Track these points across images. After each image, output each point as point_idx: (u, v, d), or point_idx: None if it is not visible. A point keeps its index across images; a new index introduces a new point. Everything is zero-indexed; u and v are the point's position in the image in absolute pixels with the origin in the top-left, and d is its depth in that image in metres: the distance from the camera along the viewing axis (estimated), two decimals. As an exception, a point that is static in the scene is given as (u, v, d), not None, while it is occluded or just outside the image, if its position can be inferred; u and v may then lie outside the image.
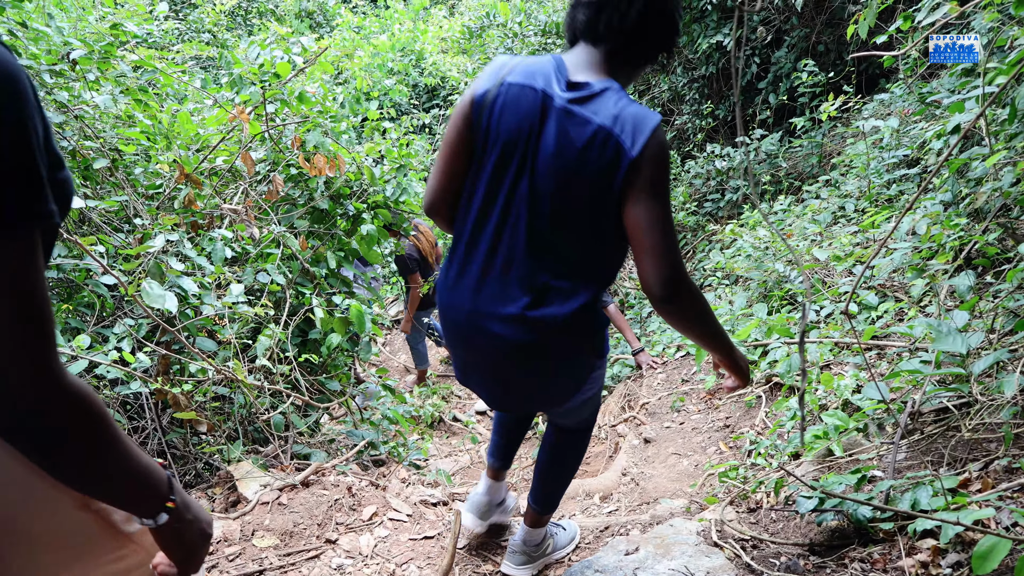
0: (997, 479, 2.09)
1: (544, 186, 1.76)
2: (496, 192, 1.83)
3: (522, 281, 1.85)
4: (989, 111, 3.21)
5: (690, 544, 2.47)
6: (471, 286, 1.92)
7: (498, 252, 1.86)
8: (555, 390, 2.07)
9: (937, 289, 3.21)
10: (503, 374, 2.02)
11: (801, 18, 7.09)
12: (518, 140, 1.77)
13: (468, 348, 2.02)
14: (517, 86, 1.78)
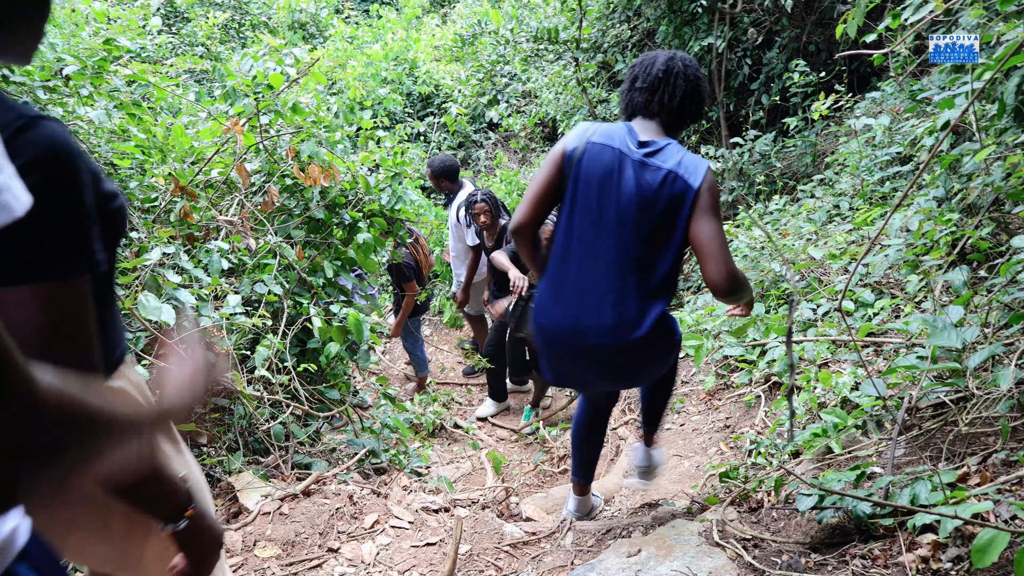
0: (995, 472, 2.10)
1: (629, 217, 2.34)
2: (586, 225, 2.41)
3: (617, 294, 2.39)
4: (979, 106, 3.23)
5: (692, 545, 2.48)
6: (572, 304, 2.44)
7: (592, 272, 2.41)
8: (648, 374, 2.67)
9: (932, 285, 3.22)
10: (604, 373, 2.57)
11: (791, 19, 7.12)
12: (603, 184, 2.37)
13: (571, 358, 2.55)
14: (599, 145, 2.41)
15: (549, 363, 2.66)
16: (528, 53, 8.27)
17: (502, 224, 5.65)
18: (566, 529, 3.16)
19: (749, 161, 6.98)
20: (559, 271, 2.47)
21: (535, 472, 4.60)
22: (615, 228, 2.36)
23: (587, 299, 2.41)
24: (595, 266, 2.40)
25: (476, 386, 6.57)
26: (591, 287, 2.41)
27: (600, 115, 7.50)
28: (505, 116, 9.41)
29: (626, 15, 8.26)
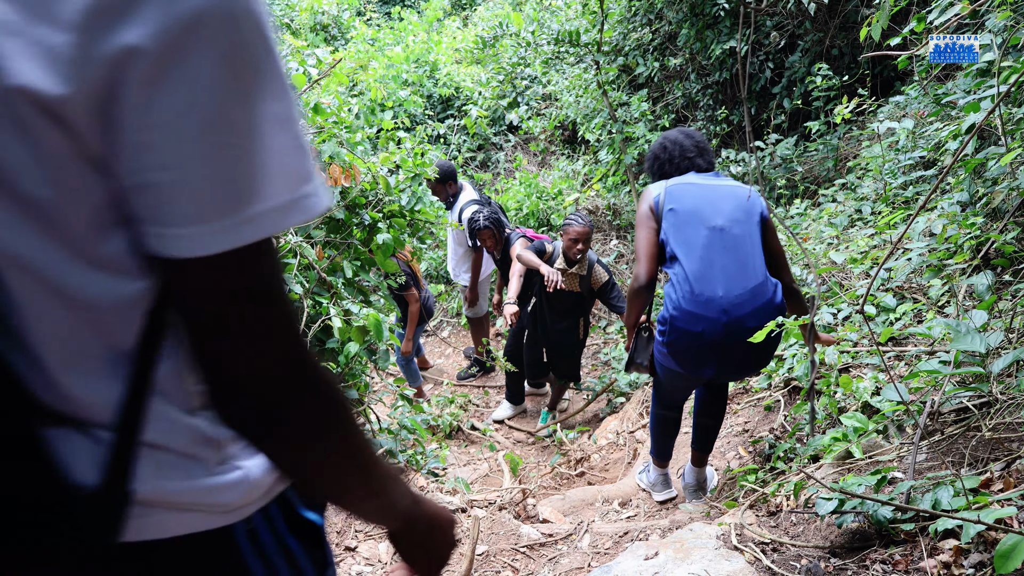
0: (1019, 478, 2.07)
1: (733, 225, 2.99)
2: (703, 234, 2.98)
3: (755, 281, 2.93)
4: (1005, 110, 3.19)
5: (710, 548, 2.46)
6: (720, 300, 2.90)
7: (724, 269, 2.93)
8: (768, 354, 3.17)
9: (955, 289, 3.19)
10: (745, 354, 2.96)
11: (814, 22, 7.08)
12: (703, 201, 3.04)
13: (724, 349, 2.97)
14: (680, 185, 3.13)
15: (695, 358, 3.07)
16: (549, 56, 8.27)
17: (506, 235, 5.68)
18: (583, 531, 3.16)
19: (770, 165, 6.94)
20: (698, 281, 2.95)
21: (552, 474, 4.60)
22: (732, 238, 3.00)
23: (734, 294, 2.93)
24: (727, 270, 2.96)
25: (493, 388, 6.57)
26: (733, 285, 2.95)
27: (620, 118, 7.49)
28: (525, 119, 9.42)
29: (647, 18, 8.26)
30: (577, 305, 5.19)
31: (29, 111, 0.55)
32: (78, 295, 0.63)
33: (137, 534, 0.70)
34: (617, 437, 4.88)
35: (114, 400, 0.67)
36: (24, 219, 0.59)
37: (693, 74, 8.18)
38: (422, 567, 1.01)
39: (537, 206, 8.12)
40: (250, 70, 0.60)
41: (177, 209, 0.60)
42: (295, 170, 0.65)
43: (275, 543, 0.84)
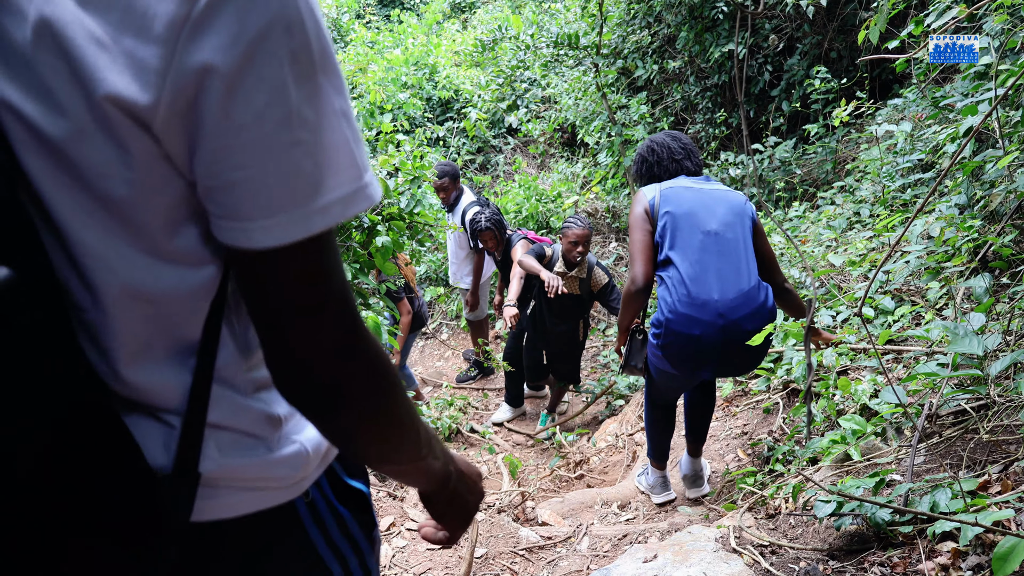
0: (1017, 481, 2.08)
1: (727, 229, 3.02)
2: (698, 238, 3.00)
3: (749, 285, 2.95)
4: (1002, 113, 3.20)
5: (708, 551, 2.46)
6: (715, 304, 2.92)
7: (719, 272, 2.95)
8: (760, 356, 3.13)
9: (953, 292, 3.19)
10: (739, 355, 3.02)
11: (813, 25, 7.09)
12: (698, 205, 3.06)
13: (721, 351, 2.99)
14: (673, 188, 3.14)
15: (693, 361, 3.09)
16: (548, 58, 8.29)
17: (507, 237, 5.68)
18: (582, 534, 3.16)
19: (769, 168, 6.95)
20: (694, 285, 2.98)
21: (551, 477, 4.60)
22: (722, 241, 3.04)
23: (728, 296, 2.96)
24: (722, 273, 3.00)
25: (492, 391, 6.58)
26: (728, 287, 2.98)
27: (620, 120, 7.50)
28: (524, 121, 9.43)
29: (646, 21, 8.27)
30: (577, 307, 5.20)
31: (119, 117, 0.60)
32: (149, 289, 0.68)
33: (207, 514, 0.76)
34: (616, 440, 4.88)
35: (182, 386, 0.73)
36: (106, 219, 0.64)
37: (692, 77, 8.19)
38: (452, 524, 1.03)
39: (536, 208, 8.13)
40: (314, 70, 0.65)
41: (253, 204, 0.64)
42: (355, 161, 0.69)
43: (329, 512, 0.91)
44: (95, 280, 0.66)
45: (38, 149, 0.61)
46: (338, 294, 0.71)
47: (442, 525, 1.04)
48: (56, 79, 0.59)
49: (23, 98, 0.59)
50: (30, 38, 0.58)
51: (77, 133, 0.60)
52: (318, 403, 0.74)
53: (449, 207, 6.17)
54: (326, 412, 0.74)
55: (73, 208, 0.63)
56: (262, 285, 0.69)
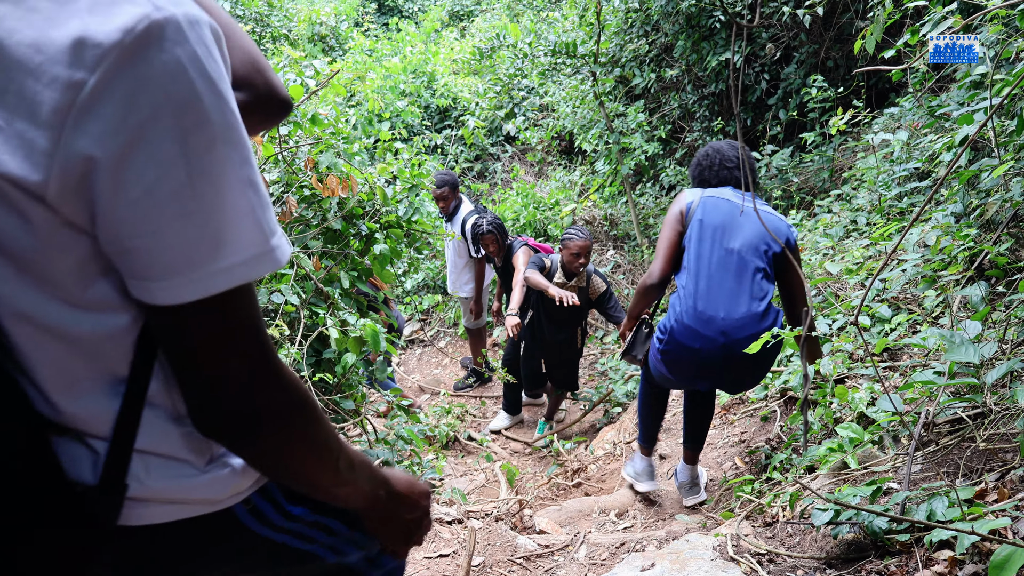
0: (1014, 489, 2.08)
1: (748, 251, 3.04)
2: (719, 254, 3.05)
3: (757, 308, 2.99)
4: (998, 123, 3.22)
5: (706, 559, 2.46)
6: (720, 322, 2.99)
7: (730, 292, 3.01)
8: (760, 376, 3.27)
9: (949, 300, 3.20)
10: (735, 374, 3.15)
11: (810, 34, 7.12)
12: (728, 221, 3.09)
13: (718, 368, 3.08)
14: (713, 198, 3.18)
15: (689, 373, 3.18)
16: (546, 67, 8.31)
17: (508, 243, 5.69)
18: (579, 542, 3.16)
19: (766, 176, 6.96)
20: (701, 300, 3.06)
21: (548, 485, 4.59)
22: (741, 260, 3.08)
23: (732, 314, 3.02)
24: (730, 290, 3.05)
25: (490, 399, 6.57)
26: (732, 307, 3.03)
27: (617, 128, 7.52)
28: (522, 129, 9.45)
29: (644, 30, 8.30)
30: (575, 316, 5.20)
31: (13, 192, 0.65)
32: (70, 332, 0.73)
33: (136, 520, 0.82)
34: (614, 447, 4.88)
35: (110, 415, 0.78)
36: (18, 275, 0.69)
37: (689, 85, 8.22)
38: (390, 541, 1.10)
39: (534, 216, 8.13)
40: (212, 143, 0.69)
41: (151, 267, 0.70)
42: (260, 227, 0.75)
43: (277, 512, 0.97)
44: (16, 327, 0.71)
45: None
46: (247, 343, 0.77)
47: (382, 542, 1.10)
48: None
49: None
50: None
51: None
52: (228, 435, 0.79)
53: (448, 216, 6.18)
54: (237, 442, 0.81)
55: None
56: (170, 333, 0.75)
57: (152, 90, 0.65)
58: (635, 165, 7.65)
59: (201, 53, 0.69)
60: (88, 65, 0.63)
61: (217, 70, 0.71)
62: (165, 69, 0.66)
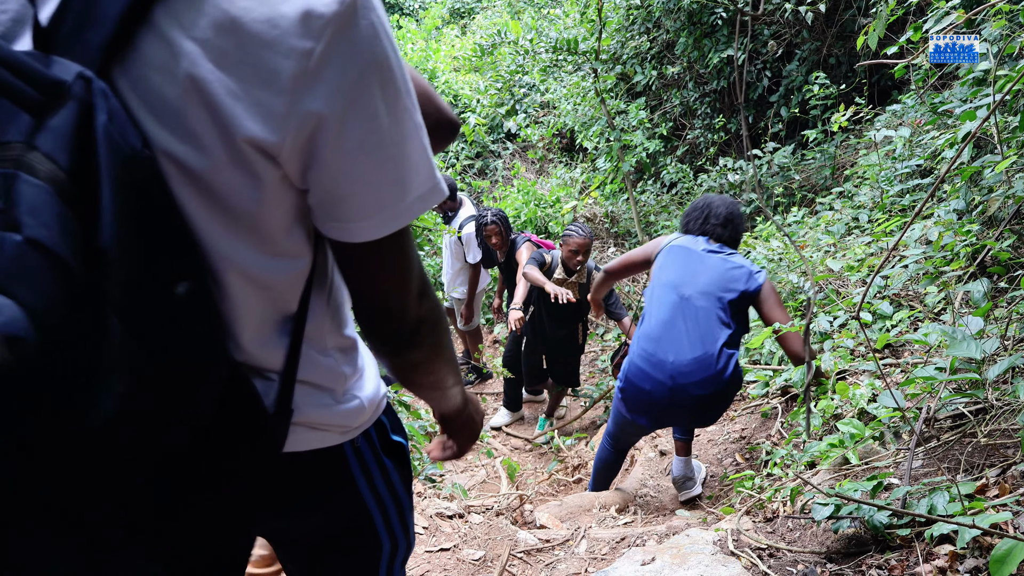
0: (1015, 484, 2.08)
1: (711, 295, 3.17)
2: (673, 299, 3.21)
3: (707, 352, 3.10)
4: (1000, 119, 3.21)
5: (706, 554, 2.46)
6: (669, 366, 3.12)
7: (681, 337, 3.14)
8: (717, 414, 3.38)
9: (951, 297, 3.20)
10: (685, 417, 3.38)
11: (812, 31, 7.12)
12: (688, 269, 3.26)
13: (666, 411, 3.27)
14: (680, 247, 3.36)
15: (642, 413, 3.35)
16: (547, 64, 8.31)
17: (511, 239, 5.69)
18: (580, 537, 3.16)
19: (768, 173, 6.96)
20: (658, 340, 3.24)
21: (549, 481, 4.59)
22: (698, 301, 3.21)
23: (683, 358, 3.16)
24: (687, 331, 3.20)
25: (491, 395, 6.57)
26: (687, 350, 3.16)
27: (618, 126, 7.51)
28: (523, 126, 9.44)
29: (645, 27, 8.29)
30: (576, 312, 5.20)
31: (253, 154, 0.75)
32: (268, 279, 0.85)
33: (287, 447, 0.95)
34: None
35: (282, 351, 0.91)
36: (235, 231, 0.80)
37: (691, 82, 8.22)
38: (463, 440, 1.31)
39: (535, 213, 8.13)
40: (398, 95, 0.80)
41: (356, 209, 0.81)
42: (428, 163, 0.86)
43: (374, 460, 1.11)
44: (225, 278, 0.81)
45: (184, 181, 0.75)
46: (415, 261, 0.91)
47: (455, 441, 1.30)
48: (201, 125, 0.72)
49: (174, 141, 0.73)
50: (180, 93, 0.71)
51: (217, 166, 0.74)
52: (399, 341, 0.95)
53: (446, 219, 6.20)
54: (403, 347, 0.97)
55: (210, 224, 0.78)
56: (363, 265, 0.88)
57: (361, 52, 0.75)
58: (636, 162, 7.65)
59: (384, 17, 0.78)
60: (315, 34, 0.72)
61: (392, 31, 0.80)
62: (367, 33, 0.75)
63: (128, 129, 0.69)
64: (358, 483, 1.09)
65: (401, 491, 1.17)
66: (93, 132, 0.65)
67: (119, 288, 0.67)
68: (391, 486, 1.14)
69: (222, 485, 0.89)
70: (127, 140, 0.68)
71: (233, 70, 0.71)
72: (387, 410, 1.17)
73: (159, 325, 0.71)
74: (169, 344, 0.72)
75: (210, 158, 0.74)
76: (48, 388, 0.62)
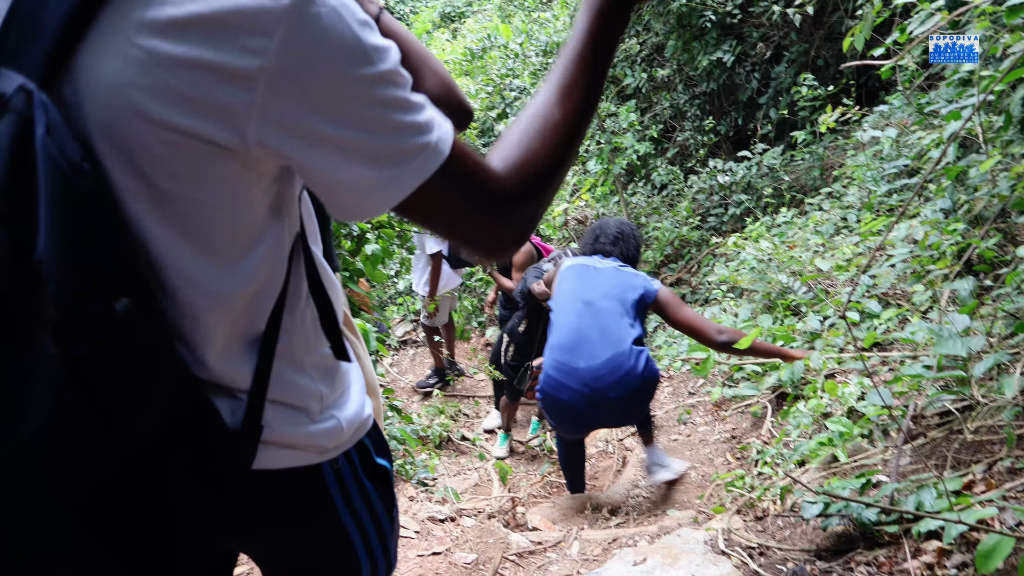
0: (1001, 480, 2.10)
1: (611, 297, 3.32)
2: (577, 306, 3.33)
3: (617, 352, 3.19)
4: (985, 119, 3.24)
5: (697, 553, 2.47)
6: (583, 372, 3.20)
7: (589, 341, 3.23)
8: (640, 413, 3.54)
9: (938, 295, 3.22)
10: (609, 420, 3.58)
11: (800, 34, 7.15)
12: (586, 279, 3.43)
13: (587, 417, 3.41)
14: (577, 265, 3.56)
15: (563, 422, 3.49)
16: (538, 67, 8.34)
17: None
18: (572, 538, 3.17)
19: (757, 175, 6.99)
20: (568, 348, 3.34)
21: (541, 483, 4.60)
22: (599, 309, 3.34)
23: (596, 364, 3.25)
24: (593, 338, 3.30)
25: (483, 398, 6.57)
26: (598, 354, 3.25)
27: (609, 128, 7.53)
28: (514, 130, 9.43)
29: (635, 29, 8.32)
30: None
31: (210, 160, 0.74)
32: (227, 296, 0.83)
33: (258, 464, 0.92)
34: (606, 445, 4.89)
35: (249, 369, 0.89)
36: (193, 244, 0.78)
37: (680, 85, 8.25)
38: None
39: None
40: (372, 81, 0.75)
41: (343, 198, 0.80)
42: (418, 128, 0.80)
43: (354, 481, 1.07)
44: (183, 295, 0.80)
45: (137, 194, 0.74)
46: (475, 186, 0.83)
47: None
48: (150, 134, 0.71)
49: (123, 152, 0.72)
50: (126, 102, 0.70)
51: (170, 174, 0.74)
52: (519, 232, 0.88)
53: None
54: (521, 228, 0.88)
55: (166, 238, 0.77)
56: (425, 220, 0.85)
57: (320, 44, 0.71)
58: (627, 165, 7.67)
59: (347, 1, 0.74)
60: (267, 31, 0.69)
61: (358, 10, 0.76)
62: (327, 21, 0.71)
63: (67, 142, 0.67)
64: (337, 505, 1.06)
65: (382, 514, 1.14)
66: (31, 145, 0.64)
67: (53, 305, 0.65)
68: (371, 509, 1.11)
69: (172, 504, 0.87)
70: (66, 153, 0.66)
71: (183, 74, 0.69)
72: (372, 431, 1.13)
73: (95, 342, 0.69)
74: (105, 362, 0.70)
75: (164, 164, 0.73)
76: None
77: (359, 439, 1.08)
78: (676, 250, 7.45)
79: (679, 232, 7.25)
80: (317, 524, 1.06)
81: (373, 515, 1.11)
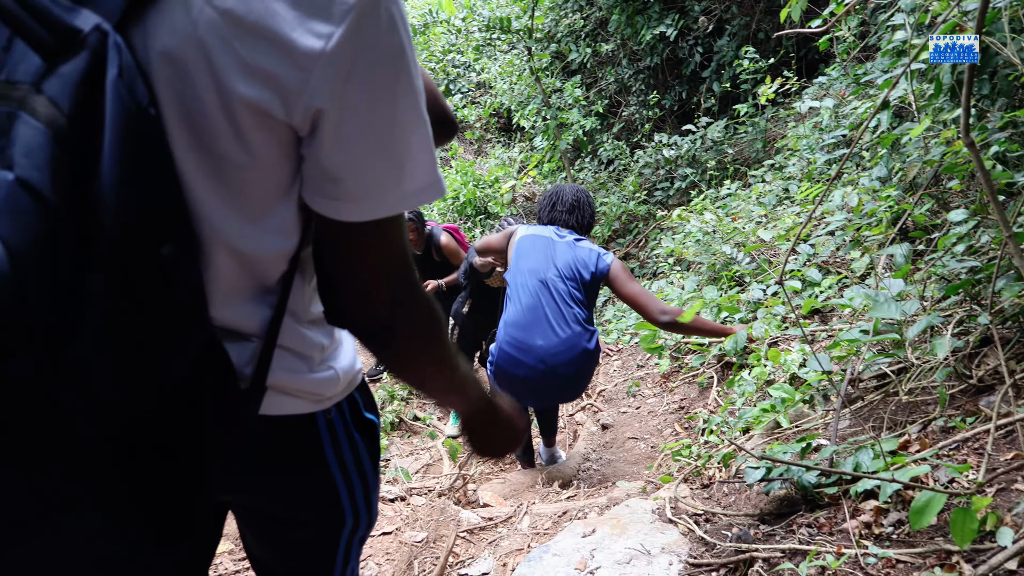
0: (935, 439, 2.15)
1: (567, 277, 3.35)
2: (535, 284, 3.35)
3: (573, 332, 3.28)
4: (917, 87, 3.29)
5: (645, 522, 2.50)
6: (539, 350, 3.27)
7: (546, 320, 3.29)
8: (582, 388, 3.57)
9: (875, 261, 3.29)
10: (559, 393, 3.56)
11: (741, 7, 7.20)
12: (543, 254, 3.43)
13: (541, 392, 3.43)
14: (532, 236, 3.53)
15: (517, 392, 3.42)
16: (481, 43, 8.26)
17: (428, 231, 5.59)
18: (523, 513, 3.18)
19: (702, 148, 7.05)
20: (524, 324, 3.37)
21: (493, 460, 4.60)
22: (557, 285, 3.38)
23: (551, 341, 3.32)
24: (550, 314, 3.35)
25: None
26: (552, 332, 3.32)
27: (555, 104, 7.51)
28: (460, 107, 9.37)
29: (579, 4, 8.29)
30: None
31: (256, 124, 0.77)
32: (252, 254, 0.87)
33: (262, 409, 0.96)
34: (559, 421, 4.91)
35: (259, 319, 0.93)
36: (228, 200, 0.81)
37: (625, 59, 8.25)
38: (485, 448, 1.31)
39: (474, 194, 8.10)
40: (408, 89, 0.80)
41: (350, 190, 0.81)
42: (430, 158, 0.86)
43: (344, 432, 1.11)
44: (211, 248, 0.83)
45: (185, 144, 0.76)
46: (400, 258, 0.90)
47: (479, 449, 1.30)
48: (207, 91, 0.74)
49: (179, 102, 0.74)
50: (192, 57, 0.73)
51: (218, 132, 0.76)
52: (374, 338, 0.95)
53: None
54: (379, 346, 0.96)
55: (204, 191, 0.79)
56: (343, 246, 0.87)
57: (377, 41, 0.75)
58: (573, 140, 7.66)
59: (403, 11, 0.79)
60: (336, 18, 0.73)
61: (409, 26, 0.81)
62: (386, 23, 0.76)
63: (137, 85, 0.69)
64: (327, 456, 1.09)
65: (368, 468, 1.17)
66: (102, 84, 0.66)
67: (106, 241, 0.67)
68: (359, 463, 1.15)
69: (186, 445, 0.89)
70: (135, 96, 0.68)
71: (248, 42, 0.72)
72: (361, 387, 1.17)
73: (140, 284, 0.71)
74: (147, 304, 0.73)
75: (213, 123, 0.75)
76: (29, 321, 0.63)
77: (350, 392, 1.12)
78: (624, 224, 7.49)
79: (626, 207, 7.28)
80: (309, 474, 1.09)
81: (360, 468, 1.15)
